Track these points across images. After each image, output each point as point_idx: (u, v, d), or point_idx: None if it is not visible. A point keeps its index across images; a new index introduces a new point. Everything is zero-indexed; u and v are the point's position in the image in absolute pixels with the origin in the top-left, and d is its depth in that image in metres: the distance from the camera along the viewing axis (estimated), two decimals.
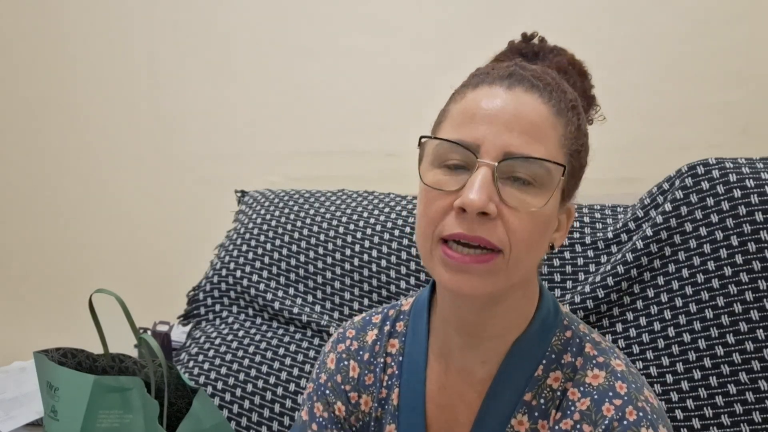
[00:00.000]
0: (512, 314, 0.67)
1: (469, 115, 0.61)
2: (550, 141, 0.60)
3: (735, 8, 1.42)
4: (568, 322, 0.70)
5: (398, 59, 1.60)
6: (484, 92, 0.62)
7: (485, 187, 0.57)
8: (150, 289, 1.69)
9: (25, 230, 1.91)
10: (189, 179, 1.78)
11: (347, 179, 1.40)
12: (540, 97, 0.61)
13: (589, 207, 1.14)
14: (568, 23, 1.49)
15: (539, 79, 0.63)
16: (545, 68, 0.67)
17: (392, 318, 0.78)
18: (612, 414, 0.60)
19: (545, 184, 0.59)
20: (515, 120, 0.59)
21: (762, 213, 0.93)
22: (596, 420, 0.60)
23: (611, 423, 0.59)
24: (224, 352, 1.13)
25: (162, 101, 1.78)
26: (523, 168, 0.59)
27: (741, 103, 1.43)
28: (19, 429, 1.25)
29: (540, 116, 0.60)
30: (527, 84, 0.62)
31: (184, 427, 0.76)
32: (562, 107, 0.63)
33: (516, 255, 0.59)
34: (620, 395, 0.61)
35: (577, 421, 0.62)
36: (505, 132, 0.59)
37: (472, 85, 0.64)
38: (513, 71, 0.64)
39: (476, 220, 0.57)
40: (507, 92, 0.61)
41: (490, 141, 0.59)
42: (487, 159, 0.58)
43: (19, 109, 1.87)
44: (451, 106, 0.65)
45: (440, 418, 0.71)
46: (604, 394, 0.62)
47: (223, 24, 1.72)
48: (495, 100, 0.61)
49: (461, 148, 0.59)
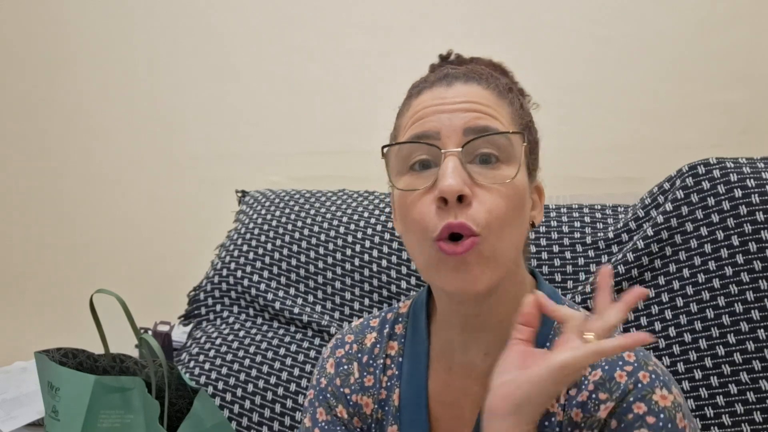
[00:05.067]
0: (508, 301, 0.68)
1: (419, 115, 0.64)
2: (503, 117, 0.64)
3: (735, 8, 1.42)
4: (569, 305, 0.72)
5: (398, 59, 1.60)
6: (427, 95, 0.65)
7: (457, 171, 0.59)
8: (151, 289, 1.69)
9: (25, 230, 1.91)
10: (189, 179, 1.78)
11: (348, 179, 1.40)
12: (479, 85, 0.65)
13: (589, 207, 1.13)
14: (568, 23, 1.49)
15: (473, 71, 0.67)
16: (474, 65, 0.71)
17: (390, 321, 0.79)
18: (625, 380, 0.61)
19: (511, 155, 0.62)
20: (465, 105, 0.63)
21: (763, 213, 0.94)
22: (611, 387, 0.62)
23: (626, 387, 0.61)
24: (225, 352, 1.13)
25: (162, 101, 1.78)
26: (487, 143, 0.61)
27: (741, 103, 1.43)
28: (20, 429, 1.25)
29: (485, 99, 0.64)
30: (464, 78, 0.65)
31: (185, 427, 0.76)
32: (502, 90, 0.66)
33: (496, 234, 0.60)
34: (630, 362, 0.62)
35: (592, 392, 0.63)
36: (459, 115, 0.62)
37: (414, 95, 0.68)
38: (447, 72, 0.67)
39: (456, 206, 0.59)
40: (448, 89, 0.65)
41: (448, 126, 0.61)
42: (450, 147, 0.60)
43: (19, 109, 1.88)
44: (400, 119, 0.69)
45: (445, 415, 0.71)
46: (614, 363, 0.63)
47: (224, 24, 1.72)
48: (439, 97, 0.64)
49: (423, 144, 0.62)
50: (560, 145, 1.53)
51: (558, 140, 1.62)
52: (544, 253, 1.08)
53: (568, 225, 1.10)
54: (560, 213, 1.13)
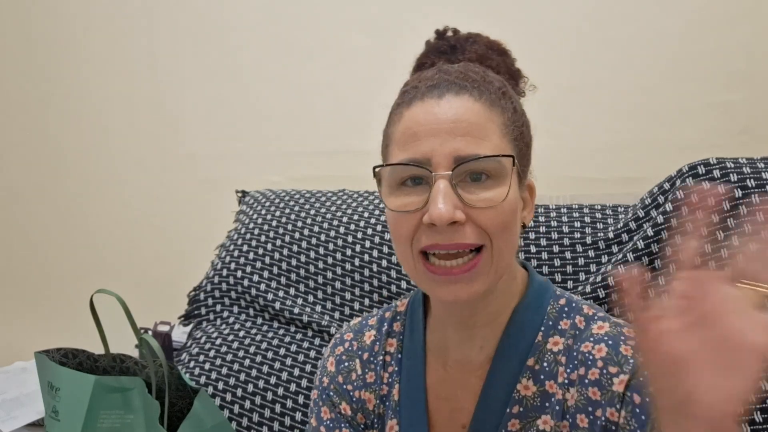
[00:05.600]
0: (502, 297, 0.71)
1: (411, 133, 0.64)
2: (493, 133, 0.63)
3: (735, 8, 1.42)
4: (560, 293, 0.73)
5: (398, 59, 1.60)
6: (418, 108, 0.65)
7: (448, 197, 0.60)
8: (151, 289, 1.69)
9: (26, 230, 1.91)
10: (189, 179, 1.78)
11: (348, 179, 1.40)
12: (471, 97, 0.64)
13: (589, 207, 1.13)
14: (568, 23, 1.49)
15: (465, 78, 0.66)
16: (467, 64, 0.70)
17: (389, 319, 0.81)
18: (632, 353, 0.62)
19: (501, 175, 0.63)
20: (455, 126, 0.62)
21: (763, 213, 0.93)
22: (619, 360, 0.63)
23: (636, 362, 0.61)
24: (225, 352, 1.13)
25: (162, 101, 1.78)
26: (476, 166, 0.62)
27: (741, 103, 1.43)
28: (20, 429, 1.25)
29: (476, 114, 0.63)
30: (456, 87, 0.65)
31: (186, 427, 0.76)
32: (494, 98, 0.66)
33: (498, 245, 0.62)
34: (631, 337, 0.63)
35: (602, 368, 0.64)
36: (450, 140, 0.62)
37: (406, 103, 0.67)
38: (438, 79, 0.67)
39: (447, 229, 0.60)
40: (439, 102, 0.64)
41: (439, 152, 0.61)
42: (441, 170, 0.61)
43: (19, 109, 1.87)
44: (392, 128, 0.68)
45: (443, 408, 0.73)
46: (617, 338, 0.64)
47: (224, 24, 1.72)
48: (431, 113, 0.64)
49: (414, 167, 0.63)
50: (560, 145, 1.54)
51: (558, 140, 1.62)
52: (544, 253, 1.08)
53: (568, 225, 1.10)
54: (560, 213, 1.13)
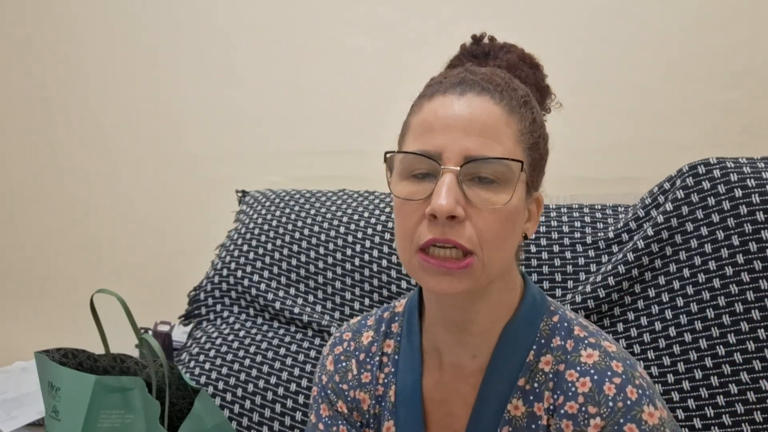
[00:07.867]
0: (496, 307, 0.70)
1: (428, 125, 0.65)
2: (507, 139, 0.64)
3: (735, 8, 1.42)
4: (555, 308, 0.73)
5: (399, 59, 1.60)
6: (438, 102, 0.66)
7: (451, 191, 0.61)
8: (151, 289, 1.69)
9: (26, 230, 1.91)
10: (190, 179, 1.78)
11: (348, 179, 1.40)
12: (491, 99, 0.65)
13: (589, 207, 1.14)
14: (569, 23, 1.49)
15: (489, 81, 0.66)
16: (494, 69, 0.71)
17: (387, 320, 0.81)
18: (614, 393, 0.63)
19: (507, 180, 0.63)
20: (470, 124, 0.63)
21: (763, 212, 0.94)
22: (600, 400, 0.63)
23: (615, 404, 0.62)
24: (225, 351, 1.13)
25: (162, 101, 1.78)
26: (485, 167, 0.62)
27: (741, 103, 1.43)
28: (20, 429, 1.25)
29: (493, 117, 0.64)
30: (478, 88, 0.65)
31: (186, 427, 0.76)
32: (514, 105, 0.66)
33: (488, 253, 0.63)
34: (618, 374, 0.64)
35: (582, 404, 0.64)
36: (463, 137, 0.62)
37: (428, 96, 0.68)
38: (463, 78, 0.67)
39: (446, 223, 0.61)
40: (460, 99, 0.65)
41: (450, 148, 0.62)
42: (449, 165, 0.62)
43: (19, 109, 1.87)
44: (411, 118, 0.69)
45: (437, 412, 0.73)
46: (603, 374, 0.65)
47: (224, 24, 1.72)
48: (450, 108, 0.64)
49: (425, 158, 0.63)
50: (560, 145, 1.53)
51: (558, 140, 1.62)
52: (544, 253, 1.08)
53: (568, 225, 1.10)
54: (560, 213, 1.13)
